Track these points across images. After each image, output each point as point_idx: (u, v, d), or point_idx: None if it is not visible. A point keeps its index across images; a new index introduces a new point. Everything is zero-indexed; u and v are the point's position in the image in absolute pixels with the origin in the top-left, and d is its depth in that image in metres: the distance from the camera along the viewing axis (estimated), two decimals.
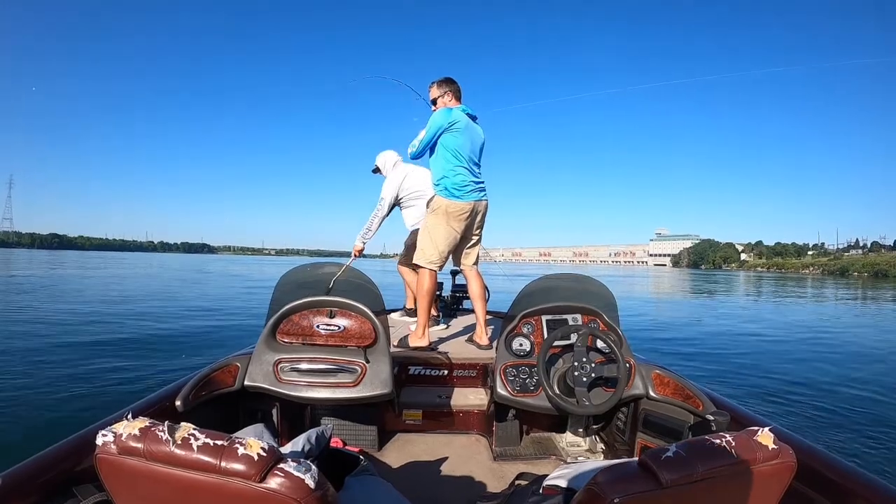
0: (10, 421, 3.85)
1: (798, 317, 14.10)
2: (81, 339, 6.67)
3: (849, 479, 1.34)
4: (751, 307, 17.97)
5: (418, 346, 3.00)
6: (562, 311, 2.39)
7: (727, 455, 0.84)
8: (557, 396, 2.08)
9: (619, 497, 0.79)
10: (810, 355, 7.60)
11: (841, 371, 6.47)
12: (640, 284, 33.43)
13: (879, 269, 77.40)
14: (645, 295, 22.34)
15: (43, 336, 6.85)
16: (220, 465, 0.75)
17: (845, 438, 4.01)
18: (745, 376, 6.10)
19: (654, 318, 12.65)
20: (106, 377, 5.11)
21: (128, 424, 0.81)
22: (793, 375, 6.10)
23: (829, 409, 4.78)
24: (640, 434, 2.18)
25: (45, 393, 4.52)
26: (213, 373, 1.97)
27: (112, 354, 6.09)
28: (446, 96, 3.20)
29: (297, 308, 2.11)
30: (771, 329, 10.85)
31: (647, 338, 8.81)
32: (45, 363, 5.49)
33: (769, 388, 5.49)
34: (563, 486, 1.20)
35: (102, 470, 0.84)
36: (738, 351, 7.86)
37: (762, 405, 4.86)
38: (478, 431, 2.63)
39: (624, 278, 41.59)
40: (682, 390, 2.05)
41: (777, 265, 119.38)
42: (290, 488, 0.75)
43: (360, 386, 2.02)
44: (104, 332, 7.63)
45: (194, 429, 0.80)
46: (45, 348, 6.14)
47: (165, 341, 7.22)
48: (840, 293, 28.91)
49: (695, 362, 6.92)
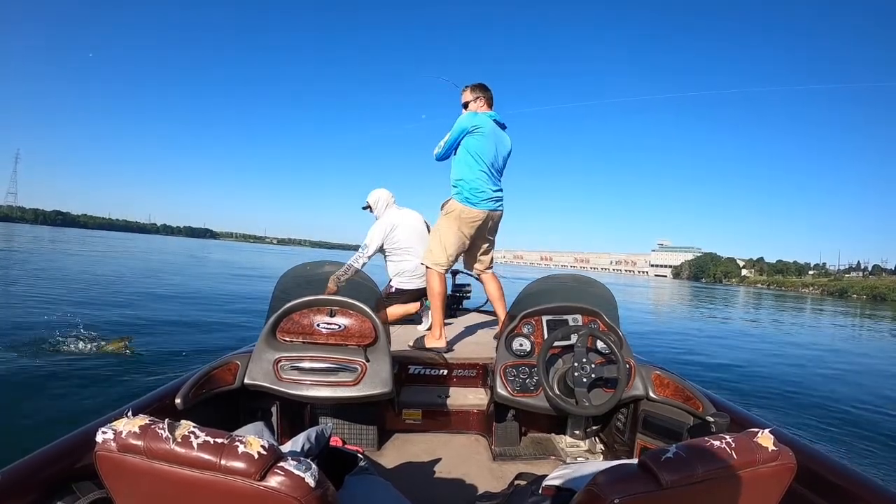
0: (10, 417, 3.84)
1: (794, 330, 14.19)
2: (83, 332, 6.56)
3: (848, 481, 1.34)
4: (749, 318, 18.08)
5: (435, 346, 2.96)
6: (562, 311, 2.39)
7: (727, 456, 0.84)
8: (557, 397, 2.08)
9: (618, 497, 0.79)
10: (810, 361, 7.66)
11: (840, 376, 6.51)
12: (642, 294, 33.41)
13: (878, 292, 77.55)
14: (648, 305, 22.33)
15: (42, 327, 6.74)
16: (221, 463, 0.75)
17: (845, 440, 4.02)
18: (744, 378, 6.11)
19: (655, 323, 12.65)
20: (106, 373, 5.08)
21: (128, 422, 0.81)
22: (792, 378, 6.12)
23: (829, 412, 4.78)
24: (639, 435, 2.18)
25: (44, 389, 4.51)
26: (213, 371, 1.97)
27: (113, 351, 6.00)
28: (478, 101, 3.20)
29: (297, 306, 2.10)
30: (769, 336, 10.88)
31: (647, 341, 8.80)
32: (45, 357, 5.43)
33: (769, 391, 5.50)
34: (562, 487, 1.20)
35: (102, 467, 0.83)
36: (738, 356, 7.87)
37: (762, 407, 4.86)
38: (477, 431, 2.63)
39: (625, 287, 41.62)
40: (682, 391, 2.06)
41: (777, 283, 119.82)
42: (290, 486, 0.75)
43: (360, 385, 2.02)
44: (109, 325, 7.46)
45: (194, 426, 0.80)
46: (45, 341, 6.06)
47: (167, 335, 7.11)
48: (839, 310, 29.35)
49: (694, 367, 6.91)
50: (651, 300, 26.63)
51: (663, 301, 25.85)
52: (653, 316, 15.29)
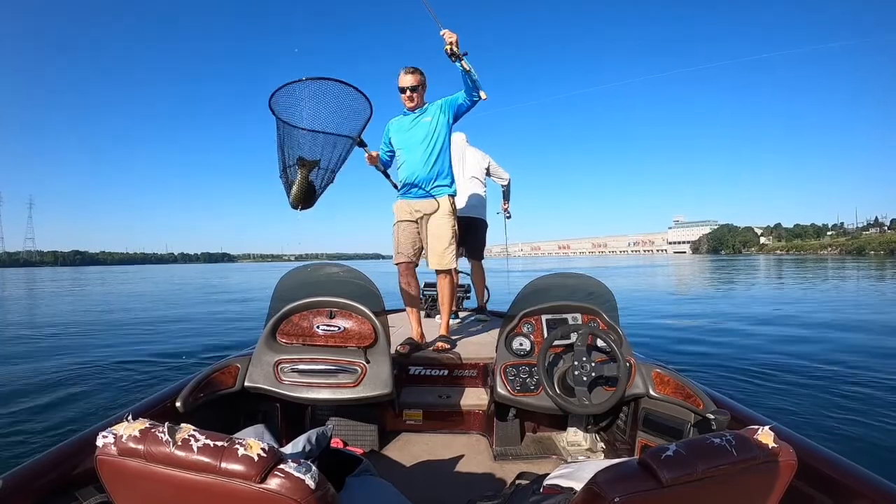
0: (12, 423, 3.87)
1: (802, 305, 13.69)
2: (81, 342, 6.62)
3: (850, 477, 1.33)
4: (759, 293, 17.61)
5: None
6: (562, 310, 2.39)
7: (728, 454, 0.84)
8: (558, 396, 2.08)
9: (619, 496, 0.79)
10: (813, 351, 7.42)
11: (842, 369, 6.35)
12: (663, 274, 32.04)
13: (894, 246, 77.35)
14: (668, 290, 21.47)
15: (43, 339, 6.80)
16: (221, 466, 0.76)
17: (846, 437, 3.95)
18: (745, 376, 6.00)
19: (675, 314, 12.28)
20: (106, 378, 5.14)
21: (128, 426, 0.81)
22: (794, 373, 6.00)
23: (830, 408, 4.69)
24: (640, 433, 2.18)
25: (45, 395, 4.55)
26: (213, 374, 1.97)
27: (113, 357, 6.12)
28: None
29: (297, 309, 2.12)
30: (776, 320, 10.53)
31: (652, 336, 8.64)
32: (45, 366, 5.51)
33: (770, 387, 5.40)
34: (563, 486, 1.19)
35: (103, 471, 0.84)
36: (739, 353, 7.69)
37: (762, 404, 4.78)
38: (478, 431, 2.64)
39: (644, 269, 40.23)
40: (683, 389, 2.05)
41: (796, 247, 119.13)
42: (290, 489, 0.76)
43: (360, 386, 2.03)
44: (104, 336, 7.60)
45: (194, 430, 0.80)
46: (46, 351, 6.14)
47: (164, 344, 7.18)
48: (860, 270, 28.91)
49: (695, 366, 6.77)
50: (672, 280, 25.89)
51: (683, 281, 24.98)
52: (674, 306, 14.46)
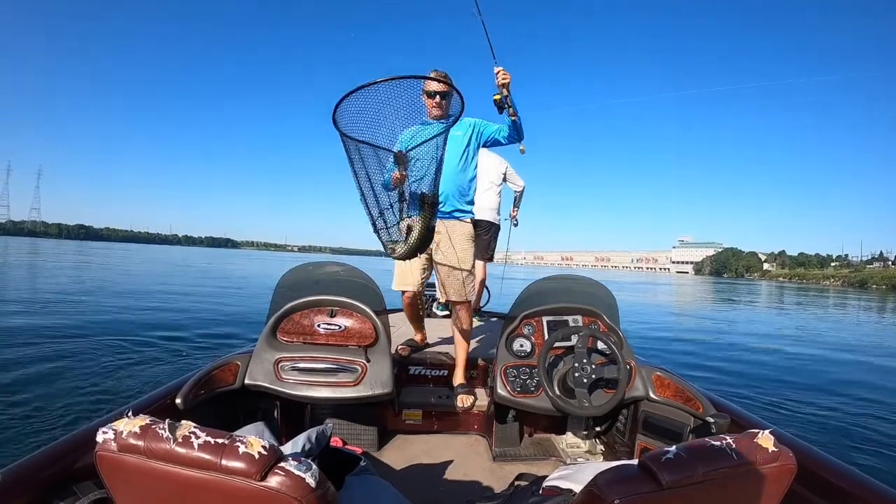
0: (11, 418, 3.83)
1: (800, 323, 13.93)
2: (80, 333, 6.53)
3: (849, 481, 1.34)
4: (763, 314, 17.74)
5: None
6: (563, 312, 2.39)
7: (727, 457, 0.84)
8: (558, 397, 2.08)
9: (619, 498, 0.79)
10: (812, 360, 7.53)
11: (841, 376, 6.39)
12: (665, 293, 32.12)
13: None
14: (670, 309, 21.48)
15: (41, 330, 6.73)
16: (221, 464, 0.75)
17: (845, 441, 3.94)
18: (745, 379, 6.02)
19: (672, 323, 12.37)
20: (107, 374, 5.09)
21: (128, 422, 0.81)
22: (794, 379, 6.04)
23: (829, 412, 4.70)
24: (640, 436, 2.18)
25: (46, 389, 4.51)
26: (213, 371, 1.97)
27: (114, 351, 6.02)
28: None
29: (298, 307, 2.12)
30: (776, 334, 10.67)
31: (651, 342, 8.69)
32: (45, 359, 5.44)
33: (769, 391, 5.42)
34: (562, 487, 1.19)
35: (102, 467, 0.83)
36: (741, 356, 7.73)
37: (762, 408, 4.79)
38: (478, 432, 2.63)
39: (646, 286, 40.19)
40: (683, 392, 2.05)
41: (799, 276, 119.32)
42: (290, 487, 0.76)
43: (360, 385, 2.03)
44: (106, 327, 7.39)
45: (195, 427, 0.80)
46: (45, 343, 6.05)
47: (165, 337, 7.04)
48: (850, 303, 29.03)
49: (697, 370, 6.76)
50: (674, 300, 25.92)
51: (685, 301, 25.02)
52: (676, 320, 14.61)
